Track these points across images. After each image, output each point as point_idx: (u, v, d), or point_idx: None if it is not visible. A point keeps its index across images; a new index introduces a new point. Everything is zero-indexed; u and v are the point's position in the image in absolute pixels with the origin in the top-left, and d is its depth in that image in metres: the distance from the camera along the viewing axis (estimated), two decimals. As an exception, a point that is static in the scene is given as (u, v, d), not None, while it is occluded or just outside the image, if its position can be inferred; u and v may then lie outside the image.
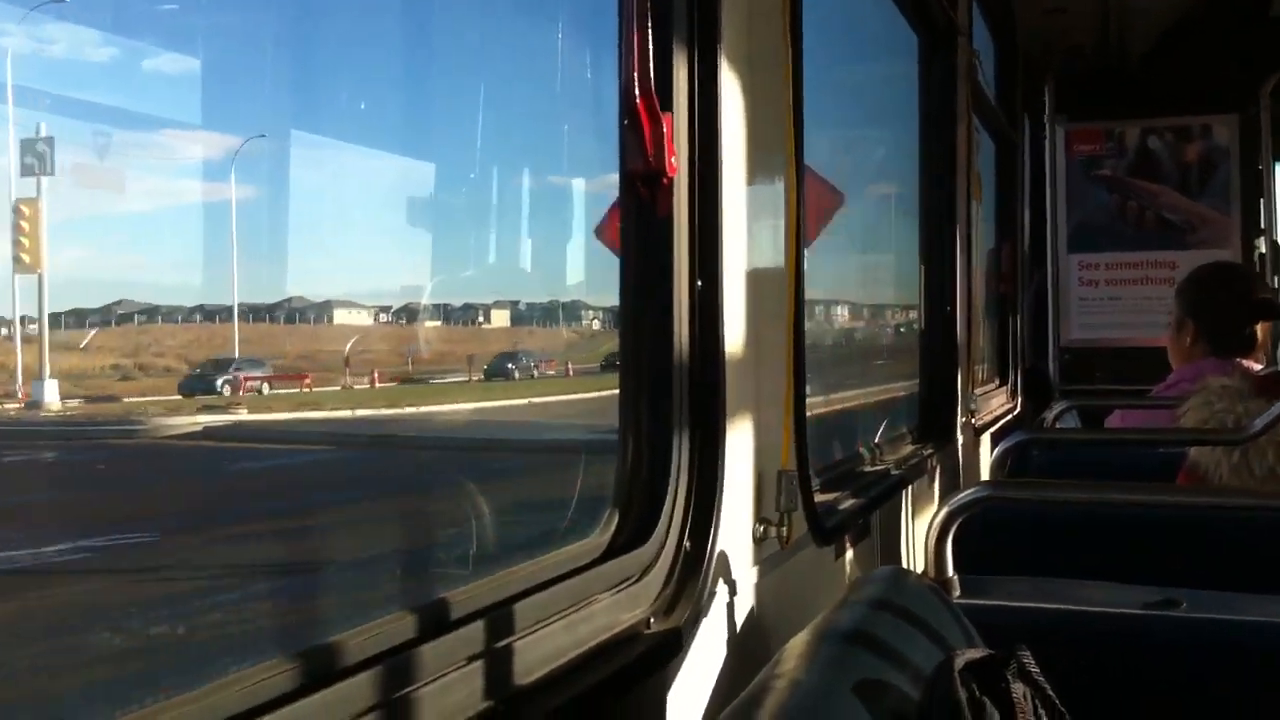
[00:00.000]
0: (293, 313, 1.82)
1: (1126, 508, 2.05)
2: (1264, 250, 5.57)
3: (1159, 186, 5.72)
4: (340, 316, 1.91)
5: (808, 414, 2.05)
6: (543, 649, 1.35)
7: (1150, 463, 2.84)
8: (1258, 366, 3.31)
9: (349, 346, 2.17)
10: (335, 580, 2.24)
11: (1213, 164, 5.67)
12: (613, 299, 1.66)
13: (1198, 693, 1.52)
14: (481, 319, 2.27)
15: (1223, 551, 2.10)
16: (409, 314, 2.10)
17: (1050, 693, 1.11)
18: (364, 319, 2.03)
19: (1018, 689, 1.06)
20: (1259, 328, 3.57)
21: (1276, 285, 5.32)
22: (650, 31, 1.55)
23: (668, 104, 1.60)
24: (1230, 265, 3.88)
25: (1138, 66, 5.87)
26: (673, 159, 1.58)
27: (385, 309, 2.06)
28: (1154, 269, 5.68)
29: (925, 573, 1.69)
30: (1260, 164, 5.57)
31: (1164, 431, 2.89)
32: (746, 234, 1.81)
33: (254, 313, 1.85)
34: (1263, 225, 5.62)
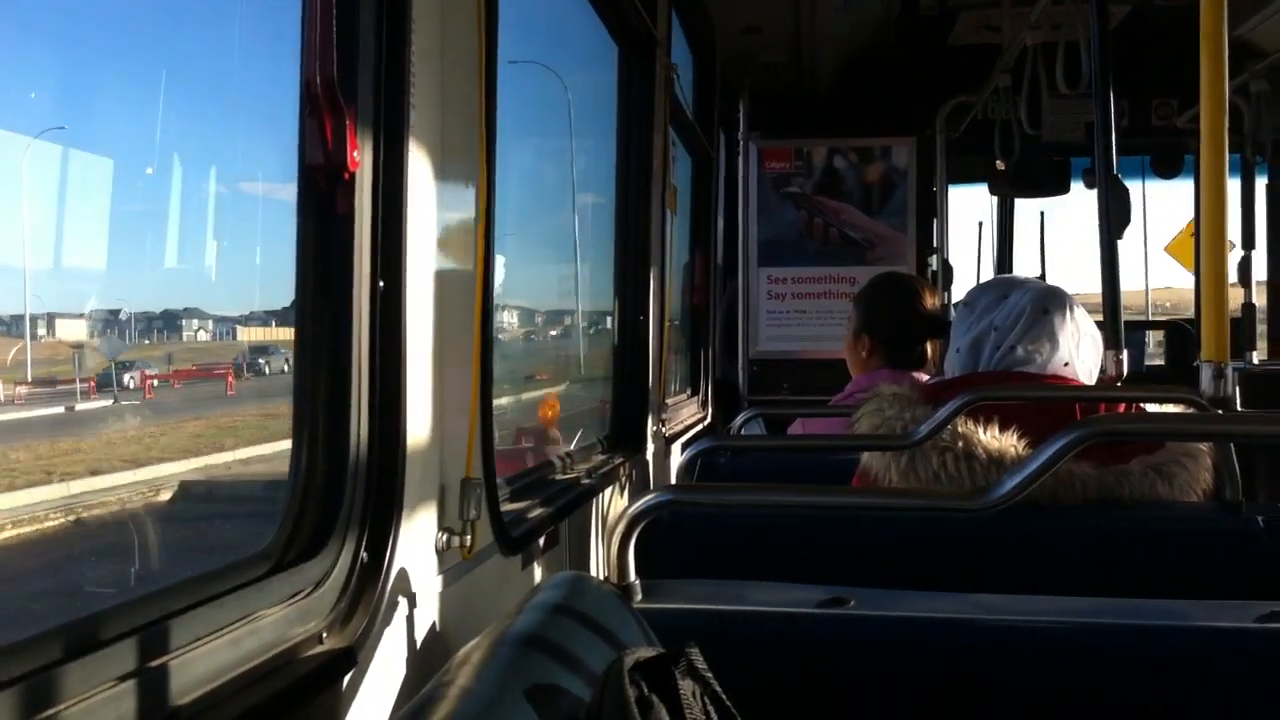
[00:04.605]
0: None
1: (804, 510, 2.12)
2: (936, 268, 5.91)
3: (842, 204, 5.99)
4: None
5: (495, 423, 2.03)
6: (204, 666, 1.27)
7: (829, 468, 2.96)
8: (926, 378, 3.50)
9: None
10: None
11: (892, 184, 5.98)
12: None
13: (862, 685, 1.58)
14: (44, 331, 2.07)
15: (893, 550, 2.20)
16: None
17: (717, 689, 1.12)
18: None
19: (685, 686, 1.06)
20: (930, 344, 3.78)
21: (947, 301, 5.64)
22: (334, 21, 1.49)
23: (351, 96, 1.55)
24: (905, 280, 4.08)
25: (827, 88, 6.14)
26: (355, 154, 1.53)
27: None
28: (836, 283, 5.95)
29: (608, 578, 1.69)
30: (935, 185, 5.91)
31: (839, 437, 3.01)
32: (434, 235, 1.77)
33: None
34: (936, 244, 5.97)
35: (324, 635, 1.47)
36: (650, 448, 3.71)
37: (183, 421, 2.55)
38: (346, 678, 1.47)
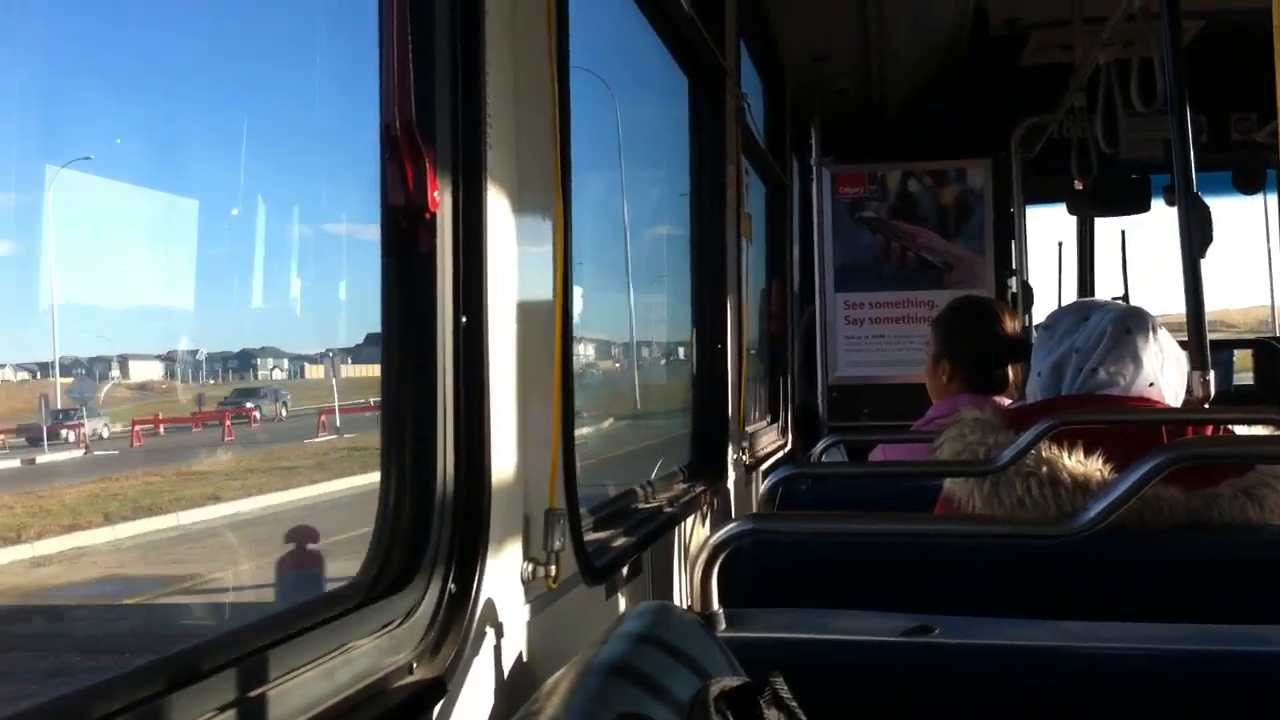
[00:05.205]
0: None
1: (887, 538, 2.11)
2: (1015, 290, 5.86)
3: (918, 228, 5.96)
4: None
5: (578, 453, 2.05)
6: (300, 696, 1.30)
7: (912, 495, 2.94)
8: (1008, 402, 3.47)
9: None
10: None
11: (968, 206, 5.94)
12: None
13: (950, 715, 1.57)
14: (116, 372, 2.08)
15: (977, 577, 2.18)
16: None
17: (802, 718, 1.12)
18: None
19: (771, 716, 1.07)
20: (1011, 368, 3.74)
21: (1028, 324, 5.59)
22: (411, 65, 1.53)
23: (430, 138, 1.58)
24: (984, 304, 4.05)
25: (898, 112, 6.13)
26: (435, 194, 1.57)
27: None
28: (914, 307, 5.92)
29: (691, 607, 1.70)
30: (1012, 206, 5.86)
31: (921, 464, 2.99)
32: (514, 271, 1.80)
33: None
34: (1014, 266, 5.91)
35: (414, 665, 1.49)
36: (731, 476, 3.71)
37: (85, 484, 2.47)
38: (437, 708, 1.49)
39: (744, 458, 4.03)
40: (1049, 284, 7.07)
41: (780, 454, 5.08)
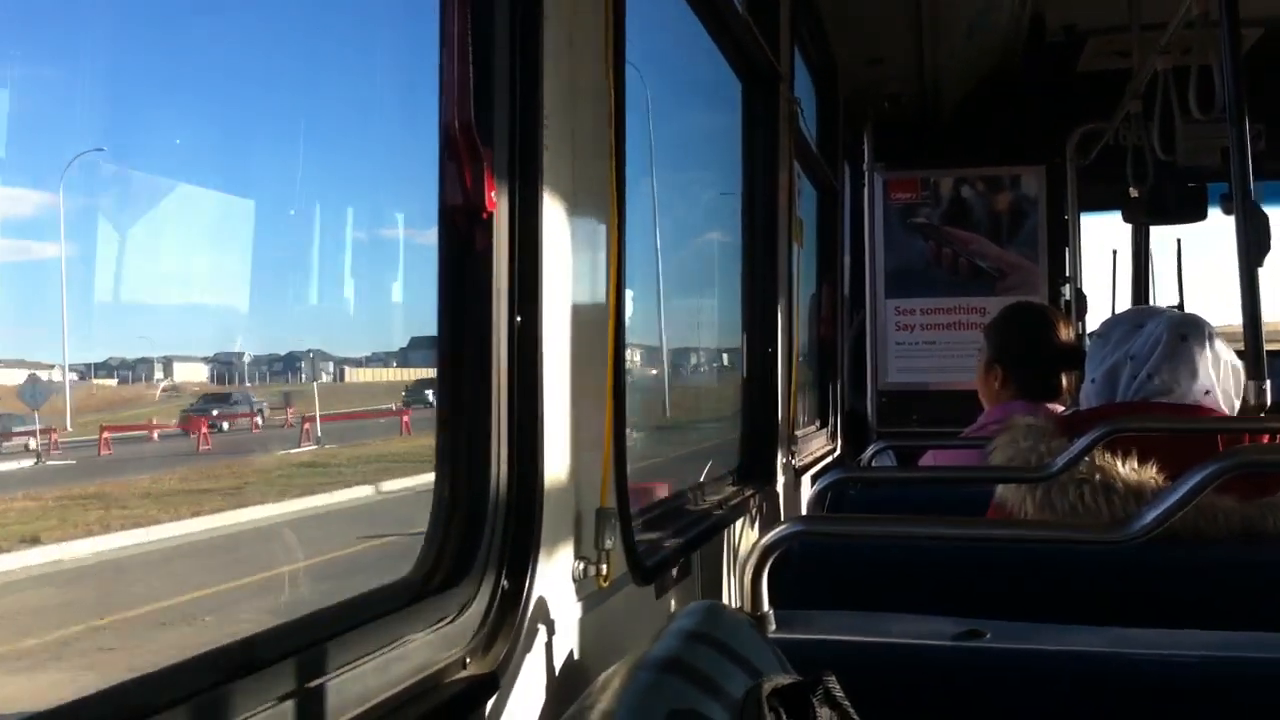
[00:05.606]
0: None
1: (937, 542, 2.11)
2: (1069, 297, 5.81)
3: (971, 234, 5.94)
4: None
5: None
6: (356, 688, 1.32)
7: (962, 501, 2.92)
8: (1061, 409, 3.45)
9: None
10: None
11: (1022, 213, 5.92)
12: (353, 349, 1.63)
13: (999, 719, 1.57)
14: (161, 375, 2.08)
15: (1028, 583, 2.17)
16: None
17: (855, 717, 1.12)
18: None
19: (823, 714, 1.08)
20: (1064, 375, 3.71)
21: (1081, 331, 5.54)
22: (471, 66, 1.55)
23: (488, 139, 1.60)
24: (1038, 310, 4.02)
25: (952, 118, 6.10)
26: (492, 194, 1.58)
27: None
28: (966, 314, 5.89)
29: (741, 608, 1.70)
30: (1066, 214, 5.82)
31: (972, 470, 2.98)
32: (568, 272, 1.81)
33: None
34: (1068, 273, 5.87)
35: (467, 661, 1.51)
36: (780, 480, 3.71)
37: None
38: (489, 702, 1.51)
39: (793, 462, 4.03)
40: (1103, 292, 7.00)
41: (829, 459, 5.07)
